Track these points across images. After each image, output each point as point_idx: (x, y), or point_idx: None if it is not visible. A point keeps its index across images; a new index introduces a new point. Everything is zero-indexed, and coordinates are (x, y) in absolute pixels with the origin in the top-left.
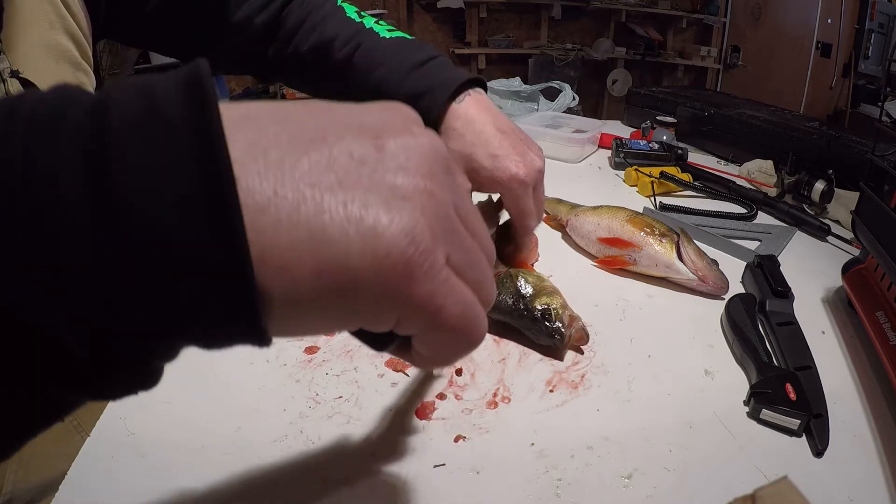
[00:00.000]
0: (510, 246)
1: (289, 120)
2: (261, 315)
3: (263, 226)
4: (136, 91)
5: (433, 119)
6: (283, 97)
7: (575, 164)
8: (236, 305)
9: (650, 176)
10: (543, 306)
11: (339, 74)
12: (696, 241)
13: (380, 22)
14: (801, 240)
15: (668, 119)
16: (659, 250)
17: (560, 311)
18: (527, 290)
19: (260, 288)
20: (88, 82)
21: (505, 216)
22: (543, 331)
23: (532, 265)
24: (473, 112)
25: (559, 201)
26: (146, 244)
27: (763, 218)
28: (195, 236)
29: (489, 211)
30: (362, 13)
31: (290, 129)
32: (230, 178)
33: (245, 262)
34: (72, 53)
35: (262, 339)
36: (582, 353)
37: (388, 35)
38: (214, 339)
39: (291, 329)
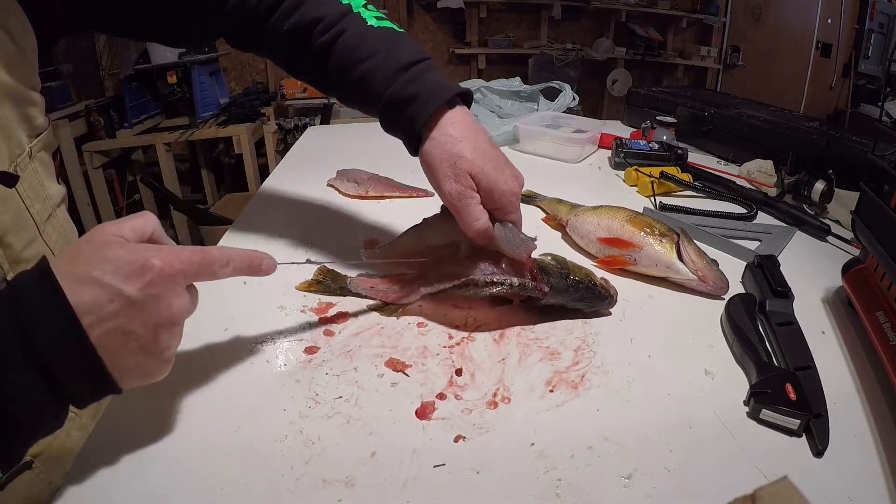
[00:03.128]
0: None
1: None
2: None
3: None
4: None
5: (421, 125)
6: (284, 97)
7: (575, 164)
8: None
9: (650, 176)
10: (587, 276)
11: (318, 60)
12: (696, 241)
13: (368, 6)
14: (801, 240)
15: (668, 119)
16: (659, 250)
17: (597, 277)
18: (565, 267)
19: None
20: (37, 112)
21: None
22: (599, 296)
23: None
24: (467, 121)
25: (559, 201)
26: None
27: (763, 218)
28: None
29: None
30: None
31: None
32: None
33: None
34: (13, 87)
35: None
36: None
37: (375, 24)
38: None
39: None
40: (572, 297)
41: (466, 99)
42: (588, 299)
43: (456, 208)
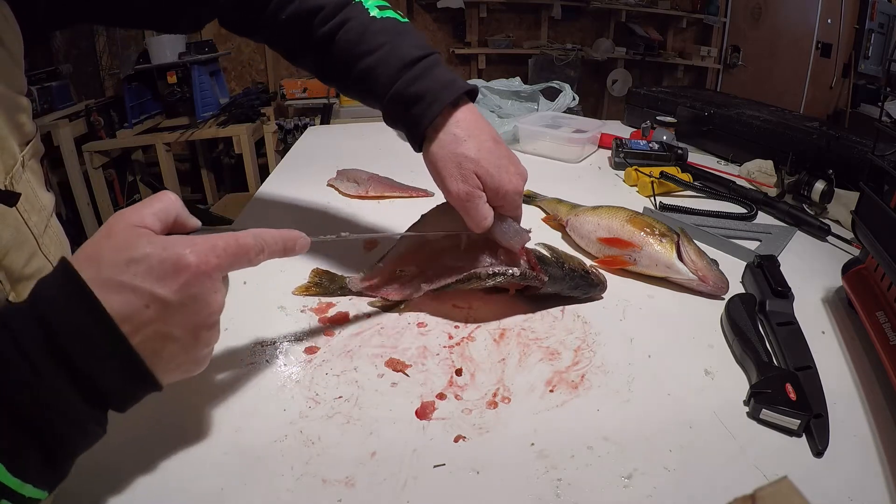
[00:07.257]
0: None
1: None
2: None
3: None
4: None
5: (426, 125)
6: (284, 97)
7: (575, 164)
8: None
9: (650, 176)
10: (580, 265)
11: (320, 50)
12: (696, 241)
13: None
14: (801, 240)
15: (668, 119)
16: (659, 250)
17: (588, 265)
18: (560, 257)
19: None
20: (26, 118)
21: None
22: (590, 283)
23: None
24: (471, 119)
25: (559, 201)
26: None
27: (763, 218)
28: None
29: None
30: None
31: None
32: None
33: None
34: (2, 93)
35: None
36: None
37: (378, 14)
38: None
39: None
40: (569, 285)
41: (472, 95)
42: (583, 287)
43: (464, 208)
